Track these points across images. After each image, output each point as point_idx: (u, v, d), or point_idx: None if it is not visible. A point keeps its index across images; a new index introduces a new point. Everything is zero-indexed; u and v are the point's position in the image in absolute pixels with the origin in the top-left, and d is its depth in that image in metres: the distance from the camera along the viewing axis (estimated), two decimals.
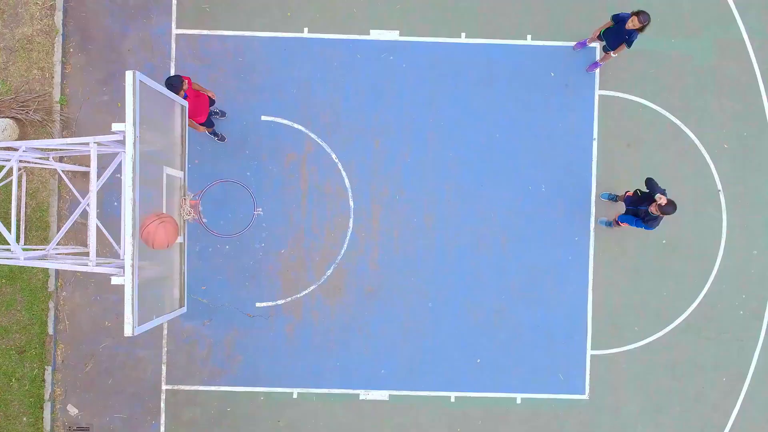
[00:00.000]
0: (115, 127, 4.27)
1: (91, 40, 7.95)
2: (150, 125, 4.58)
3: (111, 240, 5.55)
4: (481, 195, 7.96)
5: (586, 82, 8.03)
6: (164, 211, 5.00)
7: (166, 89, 4.98)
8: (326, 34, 8.00)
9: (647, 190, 6.71)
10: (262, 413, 7.94)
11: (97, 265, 4.59)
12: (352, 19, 8.00)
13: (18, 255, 4.87)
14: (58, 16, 7.88)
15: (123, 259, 4.33)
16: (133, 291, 4.09)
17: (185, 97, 6.00)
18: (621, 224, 7.36)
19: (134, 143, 4.19)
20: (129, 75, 4.20)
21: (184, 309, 5.31)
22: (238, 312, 7.89)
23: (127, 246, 4.20)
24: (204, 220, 6.03)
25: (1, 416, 7.85)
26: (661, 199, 6.36)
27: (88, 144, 4.92)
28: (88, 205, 4.86)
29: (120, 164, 4.94)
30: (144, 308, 4.35)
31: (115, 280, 4.29)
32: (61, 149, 6.62)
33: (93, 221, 4.79)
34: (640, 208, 6.80)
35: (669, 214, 6.40)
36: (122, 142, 4.61)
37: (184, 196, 5.37)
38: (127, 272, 4.12)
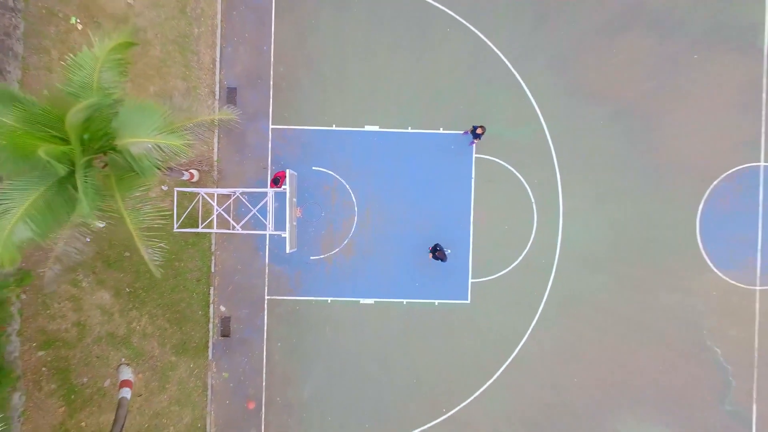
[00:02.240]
0: (284, 187, 13.56)
1: (230, 133, 17.22)
2: (290, 184, 13.88)
3: (265, 221, 14.83)
4: (417, 206, 17.35)
5: (469, 151, 17.44)
6: (291, 211, 14.32)
7: (293, 172, 14.30)
8: (343, 127, 17.34)
9: (437, 247, 16.33)
10: (312, 310, 17.31)
11: (272, 232, 13.89)
12: (355, 118, 17.33)
13: (238, 230, 14.15)
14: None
15: (286, 231, 13.53)
16: (290, 239, 13.41)
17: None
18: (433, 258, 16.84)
19: (291, 192, 13.49)
20: (289, 171, 13.54)
21: (296, 249, 14.66)
22: (301, 261, 17.21)
23: (288, 225, 13.52)
24: (302, 217, 15.36)
25: (189, 311, 17.15)
26: (431, 254, 16.07)
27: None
28: (257, 213, 14.07)
29: (268, 198, 14.20)
30: (291, 245, 13.67)
31: (283, 234, 13.59)
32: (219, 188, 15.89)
33: (275, 218, 14.07)
34: (436, 254, 16.25)
35: (444, 261, 16.30)
36: (282, 192, 13.91)
37: (297, 207, 14.68)
38: (288, 234, 13.43)
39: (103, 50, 9.24)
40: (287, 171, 13.99)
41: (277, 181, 15.96)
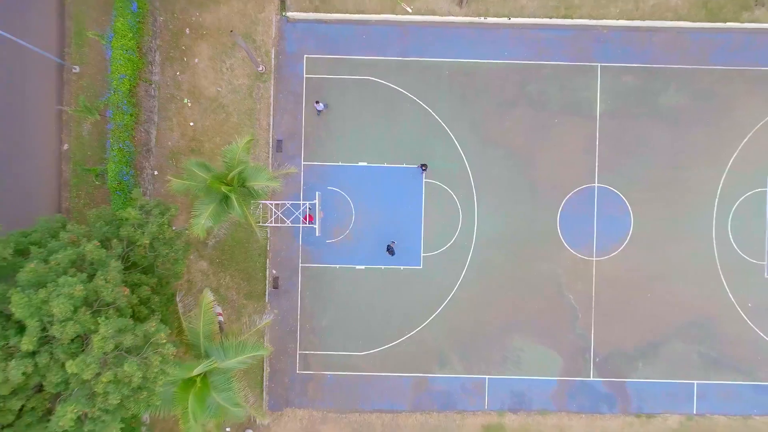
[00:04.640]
0: (314, 200, 26.07)
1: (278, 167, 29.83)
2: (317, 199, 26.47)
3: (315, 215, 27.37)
4: (390, 210, 29.94)
5: (420, 178, 30.12)
6: (316, 214, 26.83)
7: (319, 192, 26.95)
8: (345, 163, 30.01)
9: (389, 244, 29.08)
10: (327, 273, 30.06)
11: (306, 225, 26.38)
12: (351, 157, 29.99)
13: (288, 223, 26.66)
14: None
15: (316, 224, 25.97)
16: (318, 228, 25.95)
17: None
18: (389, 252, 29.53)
19: (319, 205, 26.02)
20: (317, 193, 26.11)
21: (320, 234, 27.28)
22: (321, 243, 29.80)
23: (317, 221, 26.05)
24: (323, 216, 28.02)
25: (254, 273, 29.76)
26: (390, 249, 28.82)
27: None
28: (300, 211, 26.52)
29: (305, 206, 26.64)
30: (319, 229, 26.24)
31: (314, 226, 26.11)
32: (282, 202, 28.52)
33: (303, 220, 26.58)
34: (389, 251, 29.00)
35: (392, 255, 29.17)
36: (312, 203, 26.50)
37: (320, 211, 27.21)
38: (317, 225, 25.96)
39: (241, 143, 21.83)
40: (317, 193, 26.66)
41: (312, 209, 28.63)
